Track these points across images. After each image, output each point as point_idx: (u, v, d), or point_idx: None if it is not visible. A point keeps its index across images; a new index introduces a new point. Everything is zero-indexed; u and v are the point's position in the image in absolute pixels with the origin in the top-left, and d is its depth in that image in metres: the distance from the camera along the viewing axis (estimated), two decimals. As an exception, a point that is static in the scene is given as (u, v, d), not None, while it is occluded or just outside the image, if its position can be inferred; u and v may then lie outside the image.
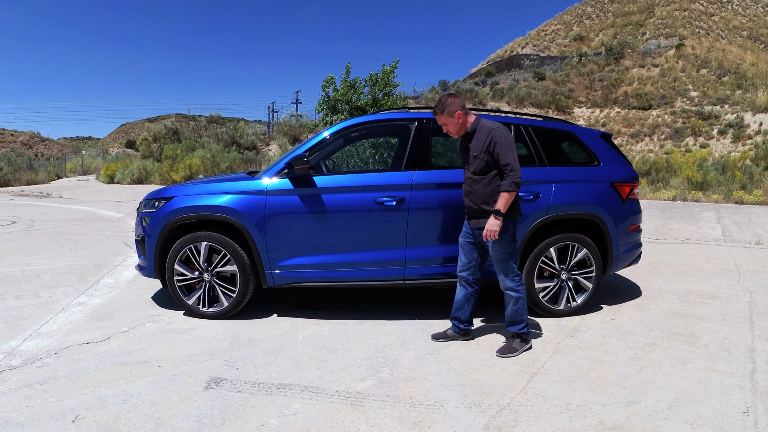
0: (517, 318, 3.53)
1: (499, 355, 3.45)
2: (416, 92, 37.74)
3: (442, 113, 3.48)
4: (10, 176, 23.00)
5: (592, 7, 67.88)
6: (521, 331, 3.54)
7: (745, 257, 6.83)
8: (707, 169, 14.48)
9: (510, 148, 3.34)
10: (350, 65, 14.52)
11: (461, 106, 3.47)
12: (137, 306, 4.49)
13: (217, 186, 4.22)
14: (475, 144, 3.46)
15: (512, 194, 3.32)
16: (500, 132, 3.37)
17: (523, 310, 3.53)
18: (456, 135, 3.56)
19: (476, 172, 3.46)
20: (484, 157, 3.40)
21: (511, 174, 3.31)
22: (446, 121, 3.50)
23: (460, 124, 3.49)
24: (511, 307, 3.53)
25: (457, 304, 3.72)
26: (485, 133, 3.40)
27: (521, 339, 3.55)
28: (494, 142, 3.35)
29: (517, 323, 3.54)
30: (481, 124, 3.49)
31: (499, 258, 3.47)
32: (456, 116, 3.46)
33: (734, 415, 2.71)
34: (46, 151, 54.56)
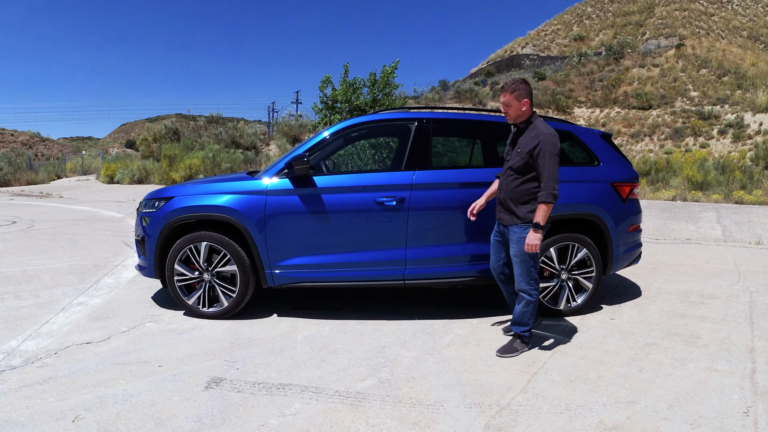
0: (523, 320, 3.54)
1: (499, 354, 3.45)
2: (416, 92, 37.74)
3: (511, 93, 3.44)
4: (10, 176, 23.00)
5: (592, 7, 67.87)
6: (523, 333, 3.54)
7: (745, 257, 6.83)
8: (707, 169, 14.48)
9: (553, 159, 3.32)
10: (348, 65, 14.51)
11: (530, 96, 3.46)
12: (137, 306, 4.49)
13: (217, 186, 4.22)
14: (523, 140, 3.44)
15: (550, 206, 3.31)
16: (549, 139, 3.33)
17: (531, 315, 3.54)
18: (512, 120, 3.52)
19: (513, 167, 3.46)
20: (525, 157, 3.39)
21: (548, 185, 3.30)
22: (510, 103, 3.45)
23: (522, 113, 3.46)
24: (521, 308, 3.53)
25: (510, 303, 3.80)
26: (535, 135, 3.38)
27: (522, 340, 3.55)
28: (540, 148, 3.33)
29: (522, 325, 3.55)
30: (536, 123, 3.46)
31: (518, 259, 3.47)
32: (522, 102, 3.44)
33: (734, 415, 2.71)
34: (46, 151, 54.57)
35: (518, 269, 3.49)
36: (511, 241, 3.49)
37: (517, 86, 3.44)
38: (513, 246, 3.49)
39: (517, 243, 3.45)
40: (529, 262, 3.45)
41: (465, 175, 4.35)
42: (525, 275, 3.48)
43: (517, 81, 3.49)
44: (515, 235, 3.46)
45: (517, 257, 3.47)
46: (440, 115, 4.57)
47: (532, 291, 3.49)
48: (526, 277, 3.48)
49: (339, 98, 14.26)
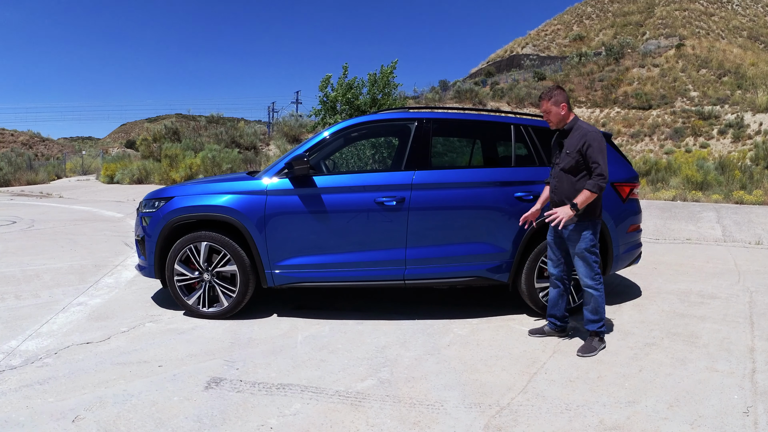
0: (596, 317, 3.59)
1: (580, 354, 3.48)
2: (416, 92, 37.74)
3: (549, 101, 3.57)
4: (10, 176, 22.99)
5: (592, 7, 67.87)
6: (600, 329, 3.60)
7: (745, 257, 6.83)
8: (707, 169, 14.48)
9: (601, 153, 3.43)
10: (347, 65, 14.51)
11: (567, 100, 3.58)
12: (137, 306, 4.49)
13: (217, 186, 4.22)
14: (569, 142, 3.54)
15: (593, 195, 3.41)
16: (595, 135, 3.46)
17: (602, 309, 3.59)
18: (555, 126, 3.64)
19: (565, 169, 3.55)
20: (575, 156, 3.49)
21: (598, 177, 3.40)
22: (550, 110, 3.57)
23: (562, 117, 3.58)
24: (592, 305, 3.59)
25: (552, 302, 3.81)
26: (581, 134, 3.49)
27: (599, 338, 3.60)
28: (587, 144, 3.44)
29: (596, 321, 3.60)
30: (578, 124, 3.58)
31: (578, 256, 3.56)
32: (561, 107, 3.55)
33: (734, 415, 2.71)
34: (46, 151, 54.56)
35: (581, 266, 3.57)
36: (570, 240, 3.56)
37: (553, 93, 3.57)
38: (572, 245, 3.57)
39: (576, 242, 3.53)
40: (591, 257, 3.53)
41: (465, 175, 4.35)
42: (588, 271, 3.55)
43: (552, 88, 3.62)
44: (573, 234, 3.54)
45: (578, 255, 3.55)
46: (440, 115, 4.57)
47: (598, 285, 3.57)
48: (590, 272, 3.55)
49: (339, 99, 14.25)
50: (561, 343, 3.71)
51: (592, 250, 3.54)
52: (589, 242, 3.53)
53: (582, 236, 3.52)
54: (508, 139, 4.40)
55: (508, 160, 4.44)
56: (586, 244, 3.53)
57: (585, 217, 3.51)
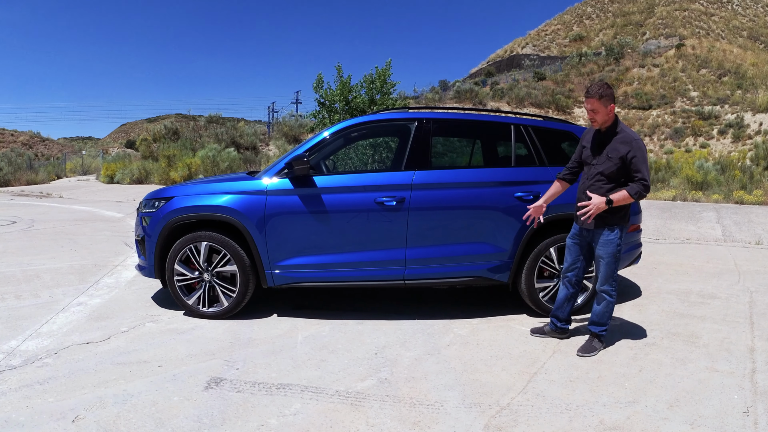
0: (602, 320, 3.58)
1: (580, 354, 3.49)
2: (416, 92, 37.74)
3: (599, 99, 3.39)
4: (10, 176, 22.98)
5: (592, 7, 67.86)
6: (601, 333, 3.59)
7: (745, 257, 6.83)
8: (707, 169, 14.48)
9: (645, 163, 3.37)
10: (340, 65, 14.57)
11: (614, 100, 3.46)
12: (137, 306, 4.49)
13: (217, 186, 4.22)
14: (613, 145, 3.42)
15: (630, 199, 3.35)
16: (640, 144, 3.38)
17: (610, 315, 3.59)
18: (599, 125, 3.49)
19: (604, 173, 3.44)
20: (618, 162, 3.39)
21: (641, 183, 3.33)
22: (598, 109, 3.41)
23: (609, 117, 3.45)
24: (602, 309, 3.57)
25: (558, 303, 3.78)
26: (627, 141, 3.39)
27: (599, 339, 3.60)
28: (633, 153, 3.34)
29: (601, 325, 3.59)
30: (622, 127, 3.47)
31: (604, 261, 3.51)
32: (609, 108, 3.42)
33: (734, 415, 2.71)
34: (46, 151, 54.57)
35: (603, 270, 3.52)
36: (599, 243, 3.50)
37: (604, 91, 3.40)
38: (600, 248, 3.51)
39: (605, 245, 3.48)
40: (615, 264, 3.51)
41: (465, 175, 4.35)
42: (609, 276, 3.52)
43: (603, 85, 3.43)
44: (603, 237, 3.48)
45: (604, 259, 3.50)
46: (440, 115, 4.57)
47: (613, 291, 3.55)
48: (610, 278, 3.52)
49: (336, 99, 14.27)
50: (561, 343, 3.71)
51: (618, 256, 3.51)
52: (616, 247, 3.48)
53: (611, 240, 3.47)
54: (508, 139, 4.40)
55: (508, 160, 4.44)
56: (614, 249, 3.48)
57: (617, 221, 3.46)
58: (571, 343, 3.71)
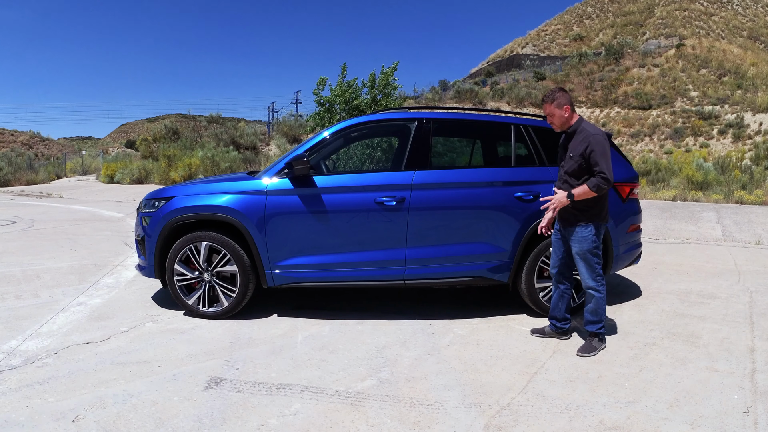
0: (596, 317, 3.58)
1: (580, 354, 3.48)
2: (416, 92, 37.74)
3: (551, 103, 3.54)
4: (10, 176, 22.98)
5: (592, 7, 67.85)
6: (599, 331, 3.59)
7: (745, 257, 6.83)
8: (707, 169, 14.48)
9: (604, 156, 3.40)
10: (346, 66, 14.51)
11: (570, 102, 3.55)
12: (137, 306, 4.49)
13: (217, 186, 4.22)
14: (573, 144, 3.52)
15: (591, 192, 3.39)
16: (598, 139, 3.43)
17: (602, 310, 3.59)
18: (559, 129, 3.61)
19: (568, 172, 3.54)
20: (578, 160, 3.46)
21: (600, 176, 3.37)
22: (553, 113, 3.55)
23: (566, 119, 3.55)
24: (593, 306, 3.58)
25: (553, 303, 3.80)
26: (584, 137, 3.46)
27: (599, 338, 3.60)
28: (591, 148, 3.40)
29: (595, 323, 3.59)
30: (582, 126, 3.54)
31: (580, 257, 3.55)
32: (564, 110, 3.52)
33: (734, 415, 2.71)
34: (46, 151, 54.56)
35: (583, 267, 3.56)
36: (573, 240, 3.56)
37: (555, 95, 3.54)
38: (575, 245, 3.55)
39: (580, 242, 3.52)
40: (593, 259, 3.53)
41: (465, 175, 4.35)
42: (590, 272, 3.54)
43: (555, 90, 3.58)
44: (577, 235, 3.52)
45: (580, 255, 3.54)
46: (440, 115, 4.58)
47: (599, 287, 3.56)
48: (592, 273, 3.54)
49: (337, 99, 14.25)
50: (561, 343, 3.71)
51: (595, 252, 3.53)
52: (591, 243, 3.51)
53: (585, 237, 3.51)
54: (508, 139, 4.40)
55: (508, 160, 4.44)
56: (589, 246, 3.51)
57: (589, 218, 3.50)
58: (571, 343, 3.71)
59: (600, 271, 3.58)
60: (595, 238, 3.52)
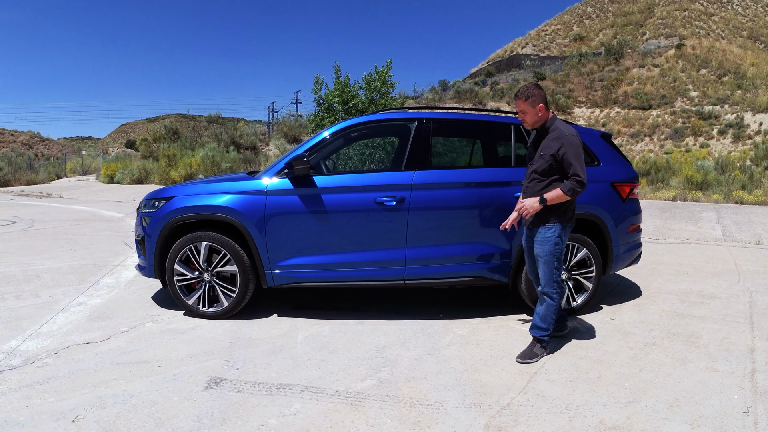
0: (544, 324, 3.48)
1: (519, 360, 3.38)
2: (416, 92, 37.77)
3: (525, 101, 3.40)
4: (10, 176, 22.99)
5: (592, 7, 67.86)
6: (542, 338, 3.48)
7: (745, 257, 6.83)
8: (707, 169, 14.48)
9: (578, 158, 3.29)
10: (338, 64, 14.52)
11: (544, 100, 3.43)
12: (137, 306, 4.49)
13: (217, 186, 4.22)
14: (545, 143, 3.41)
15: (565, 197, 3.29)
16: (571, 140, 3.32)
17: (552, 319, 3.48)
18: (530, 126, 3.50)
19: (538, 171, 3.43)
20: (549, 159, 3.36)
21: (574, 179, 3.27)
22: (526, 110, 3.42)
23: (539, 117, 3.43)
24: (543, 311, 3.48)
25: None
26: (557, 137, 3.35)
27: (541, 345, 3.49)
28: (564, 149, 3.30)
29: (542, 329, 3.48)
30: (556, 125, 3.44)
31: (542, 260, 3.44)
32: (538, 108, 3.40)
33: (734, 415, 2.71)
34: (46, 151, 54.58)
35: (543, 270, 3.46)
36: (536, 241, 3.46)
37: (531, 92, 3.41)
38: (537, 246, 3.45)
39: (542, 243, 3.42)
40: (554, 263, 3.42)
41: (465, 175, 4.35)
42: (549, 277, 3.44)
43: (530, 87, 3.45)
44: (540, 235, 3.43)
45: (541, 257, 3.44)
46: (440, 115, 4.57)
47: (554, 294, 3.45)
48: (550, 279, 3.44)
49: (335, 99, 14.26)
50: (561, 343, 3.71)
51: (557, 255, 3.42)
52: (554, 245, 3.40)
53: (547, 238, 3.40)
54: (508, 139, 4.40)
55: (508, 160, 4.44)
56: (551, 247, 3.40)
57: (555, 218, 3.39)
58: (571, 344, 3.71)
59: (558, 278, 3.46)
60: (558, 240, 3.40)
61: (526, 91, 3.43)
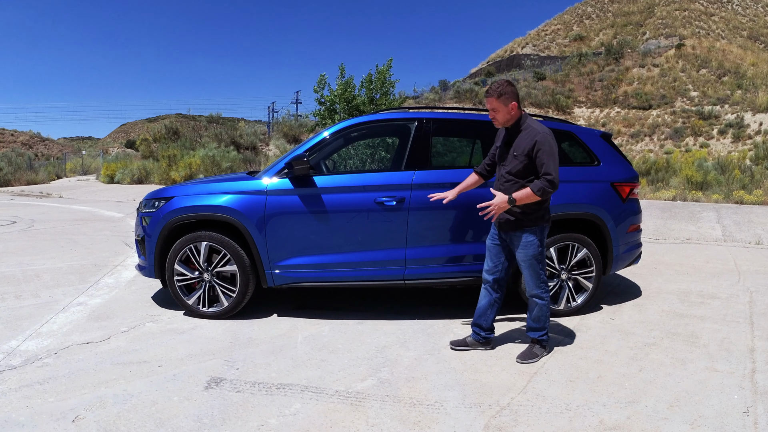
0: (539, 324, 3.45)
1: (519, 361, 3.36)
2: (416, 92, 37.77)
3: (497, 98, 3.29)
4: (10, 176, 22.99)
5: (592, 7, 67.85)
6: (541, 338, 3.47)
7: (745, 257, 6.83)
8: (707, 169, 14.49)
9: (552, 157, 3.19)
10: (344, 66, 14.57)
11: (517, 97, 3.33)
12: (137, 306, 4.49)
13: (217, 186, 4.22)
14: (518, 143, 3.30)
15: (535, 197, 3.19)
16: (546, 138, 3.22)
17: (546, 318, 3.47)
18: (501, 125, 3.40)
19: (512, 172, 3.32)
20: (523, 159, 3.26)
21: (547, 183, 3.17)
22: (498, 108, 3.31)
23: (511, 116, 3.33)
24: (536, 314, 3.45)
25: (480, 311, 3.58)
26: (531, 135, 3.25)
27: (540, 345, 3.47)
28: (538, 147, 3.20)
29: (538, 330, 3.46)
30: (528, 123, 3.34)
31: (524, 264, 3.38)
32: (510, 106, 3.30)
33: (734, 415, 2.71)
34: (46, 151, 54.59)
35: (528, 274, 3.41)
36: (518, 246, 3.37)
37: (503, 89, 3.30)
38: (519, 252, 3.37)
39: (525, 248, 3.34)
40: (538, 266, 3.37)
41: (465, 175, 4.33)
42: (535, 279, 3.40)
43: (502, 83, 3.34)
44: (522, 240, 3.35)
45: (525, 262, 3.37)
46: (440, 115, 4.57)
47: (544, 294, 3.42)
48: (537, 281, 3.40)
49: (337, 99, 14.29)
50: (561, 343, 3.71)
51: (540, 257, 3.37)
52: (536, 249, 3.34)
53: (528, 242, 3.32)
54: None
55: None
56: (534, 251, 3.34)
57: (534, 221, 3.31)
58: (571, 344, 3.71)
59: (544, 278, 3.43)
60: (539, 243, 3.35)
61: (498, 88, 3.31)
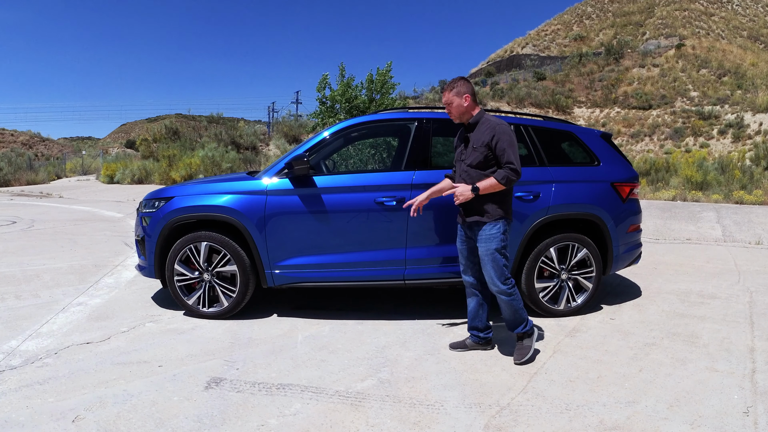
0: (517, 319, 3.42)
1: (517, 362, 3.34)
2: (416, 92, 37.76)
3: (450, 91, 3.36)
4: (10, 176, 23.01)
5: (592, 7, 67.85)
6: (524, 330, 3.43)
7: (745, 257, 6.83)
8: (707, 169, 14.49)
9: (512, 146, 3.25)
10: (344, 65, 14.59)
11: (471, 92, 3.37)
12: (137, 306, 4.49)
13: (217, 186, 4.22)
14: (476, 136, 3.34)
15: (499, 186, 3.22)
16: (503, 128, 3.28)
17: (521, 310, 3.41)
18: (456, 119, 3.43)
19: (472, 164, 3.33)
20: (483, 150, 3.29)
21: (508, 167, 3.23)
22: (452, 101, 3.36)
23: (465, 109, 3.36)
24: (509, 310, 3.40)
25: (471, 314, 3.58)
26: (488, 128, 3.30)
27: (527, 335, 3.43)
28: (497, 138, 3.25)
29: (518, 324, 3.43)
30: (485, 117, 3.39)
31: (488, 258, 3.32)
32: (464, 98, 3.34)
33: (734, 415, 2.71)
34: (46, 151, 54.59)
35: (490, 269, 3.33)
36: (480, 240, 3.33)
37: (455, 83, 3.37)
38: (482, 245, 3.33)
39: (487, 241, 3.31)
40: (501, 260, 3.31)
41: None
42: (497, 274, 3.32)
43: (455, 79, 3.41)
44: (484, 233, 3.32)
45: (488, 256, 3.32)
46: (440, 115, 4.57)
47: (509, 289, 3.34)
48: (500, 276, 3.32)
49: (337, 99, 14.32)
50: (561, 343, 3.71)
51: (502, 252, 3.32)
52: (499, 242, 3.30)
53: (491, 235, 3.29)
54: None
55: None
56: (497, 244, 3.30)
57: (495, 215, 3.30)
58: (571, 343, 3.71)
59: (507, 273, 3.37)
60: (502, 236, 3.32)
61: (452, 82, 3.40)
